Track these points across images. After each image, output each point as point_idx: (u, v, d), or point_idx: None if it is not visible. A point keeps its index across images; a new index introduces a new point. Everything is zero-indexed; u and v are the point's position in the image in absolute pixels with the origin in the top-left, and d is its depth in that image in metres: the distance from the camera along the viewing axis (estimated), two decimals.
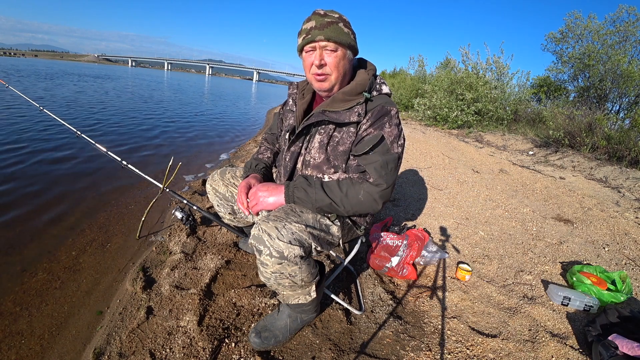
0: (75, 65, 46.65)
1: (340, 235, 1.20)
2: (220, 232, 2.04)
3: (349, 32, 1.09)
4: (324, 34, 1.04)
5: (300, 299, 1.15)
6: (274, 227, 0.99)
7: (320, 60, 1.07)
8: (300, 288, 1.10)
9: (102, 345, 1.22)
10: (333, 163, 1.16)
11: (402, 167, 4.06)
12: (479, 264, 1.97)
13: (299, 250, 1.00)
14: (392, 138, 1.10)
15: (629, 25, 7.69)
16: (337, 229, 1.17)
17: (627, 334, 1.30)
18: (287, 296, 1.15)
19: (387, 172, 1.07)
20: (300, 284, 1.07)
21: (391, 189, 1.10)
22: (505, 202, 3.12)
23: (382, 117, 1.10)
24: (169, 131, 5.60)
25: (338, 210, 1.09)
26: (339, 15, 1.08)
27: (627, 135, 5.01)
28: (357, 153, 1.10)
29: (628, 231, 2.66)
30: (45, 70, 20.94)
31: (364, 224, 1.29)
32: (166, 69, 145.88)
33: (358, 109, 1.10)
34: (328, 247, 1.17)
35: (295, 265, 1.01)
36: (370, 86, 1.16)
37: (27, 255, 1.80)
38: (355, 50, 1.14)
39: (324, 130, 1.16)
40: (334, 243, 1.20)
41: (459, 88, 8.92)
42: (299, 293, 1.13)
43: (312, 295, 1.15)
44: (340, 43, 1.06)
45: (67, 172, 3.07)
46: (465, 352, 1.29)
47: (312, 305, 1.23)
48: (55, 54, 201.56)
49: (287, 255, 0.98)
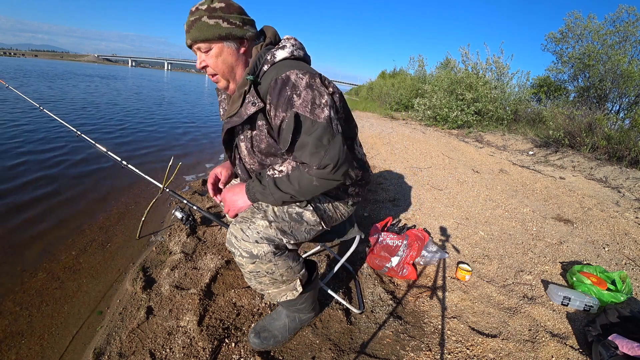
0: (78, 66, 46.66)
1: (320, 219, 1.11)
2: (220, 232, 2.04)
3: (217, 23, 0.94)
4: (190, 36, 0.96)
5: (288, 295, 1.11)
6: (239, 229, 1.00)
7: (200, 63, 1.00)
8: (283, 284, 1.08)
9: (102, 345, 1.22)
10: (270, 160, 1.08)
11: (402, 167, 4.06)
12: (479, 264, 1.97)
13: (268, 247, 0.98)
14: (310, 106, 0.90)
15: (628, 25, 7.69)
16: (311, 213, 1.09)
17: (627, 334, 1.30)
18: (274, 295, 1.11)
19: (326, 149, 0.91)
20: (280, 279, 1.05)
21: (341, 159, 0.93)
22: (505, 202, 3.12)
23: (283, 91, 0.91)
24: (170, 131, 5.60)
25: (302, 199, 1.02)
26: (206, 7, 0.94)
27: (627, 135, 5.00)
28: (285, 148, 0.95)
29: (628, 231, 2.66)
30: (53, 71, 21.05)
31: (349, 197, 1.17)
32: (166, 69, 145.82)
33: (250, 99, 0.96)
34: (307, 236, 1.09)
35: (269, 262, 1.00)
36: (255, 64, 0.98)
37: (27, 255, 1.80)
38: (237, 37, 0.98)
39: (243, 136, 1.07)
40: (315, 229, 1.11)
41: (459, 88, 8.92)
42: (283, 290, 1.09)
43: (298, 289, 1.11)
44: (209, 40, 0.95)
45: (67, 172, 3.07)
46: (465, 352, 1.29)
47: (306, 303, 1.22)
48: (55, 54, 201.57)
49: (257, 254, 0.98)
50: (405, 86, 13.34)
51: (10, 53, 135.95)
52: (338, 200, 1.17)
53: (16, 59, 55.82)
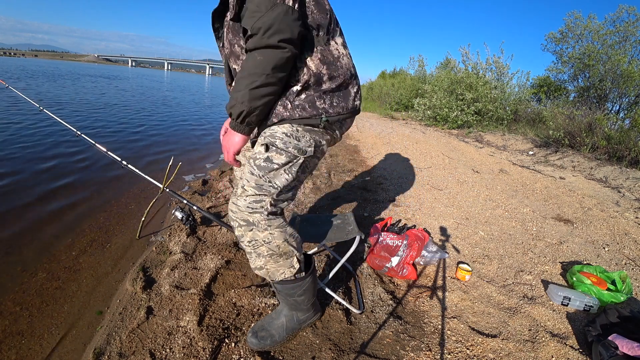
0: (79, 66, 46.67)
1: (292, 143, 1.03)
2: (220, 232, 2.04)
3: None
4: None
5: (286, 272, 1.11)
6: (233, 203, 1.06)
7: None
8: (281, 257, 1.08)
9: (102, 345, 1.22)
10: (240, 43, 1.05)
11: (401, 167, 4.07)
12: (479, 264, 1.97)
13: (261, 216, 1.03)
14: None
15: (628, 25, 7.68)
16: (276, 152, 1.03)
17: (627, 334, 1.30)
18: (273, 271, 1.10)
19: (262, 13, 0.87)
20: (277, 251, 1.07)
21: (276, 24, 0.87)
22: (505, 202, 3.12)
23: None
24: (170, 131, 5.60)
25: (260, 84, 0.93)
26: None
27: (627, 135, 5.00)
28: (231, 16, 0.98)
29: (628, 231, 2.66)
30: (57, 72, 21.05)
31: (319, 112, 1.04)
32: (166, 69, 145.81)
33: None
34: (288, 177, 1.05)
35: (265, 230, 1.03)
36: None
37: (27, 255, 1.80)
38: None
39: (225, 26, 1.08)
40: (292, 165, 1.05)
41: (459, 88, 8.92)
42: (281, 264, 1.09)
43: (295, 266, 1.11)
44: None
45: (67, 172, 3.07)
46: (465, 352, 1.29)
47: (304, 296, 1.20)
48: (56, 54, 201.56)
49: (253, 221, 1.03)
50: (405, 86, 13.34)
51: (10, 53, 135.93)
52: (306, 120, 1.04)
53: (16, 59, 55.80)
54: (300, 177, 1.11)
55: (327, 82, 1.04)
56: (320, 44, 1.02)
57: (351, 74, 1.11)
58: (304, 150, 1.06)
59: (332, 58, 1.04)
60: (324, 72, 1.02)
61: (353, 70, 1.13)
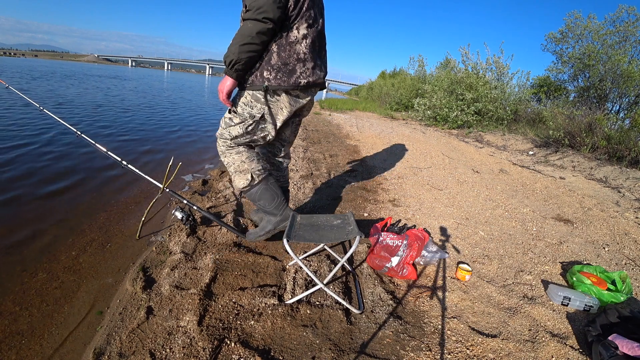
0: (80, 66, 46.60)
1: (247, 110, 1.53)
2: (220, 232, 2.04)
3: None
4: None
5: (243, 182, 1.66)
6: (218, 134, 1.67)
7: None
8: (241, 173, 1.65)
9: (102, 345, 1.22)
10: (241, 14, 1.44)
11: (401, 167, 4.07)
12: (479, 264, 1.97)
13: (223, 147, 1.65)
14: None
15: (628, 25, 7.68)
16: (240, 107, 1.54)
17: (627, 334, 1.30)
18: (236, 182, 1.68)
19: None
20: (238, 169, 1.64)
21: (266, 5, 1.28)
22: (505, 202, 3.12)
23: None
24: (170, 131, 5.60)
25: (246, 42, 1.34)
26: None
27: (627, 135, 5.00)
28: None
29: (628, 231, 2.66)
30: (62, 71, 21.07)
31: (264, 79, 1.45)
32: (166, 69, 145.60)
33: None
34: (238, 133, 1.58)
35: (228, 156, 1.65)
36: None
37: (27, 255, 1.80)
38: None
39: None
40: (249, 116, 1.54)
41: (459, 88, 8.92)
42: (240, 177, 1.65)
43: (248, 178, 1.65)
44: None
45: (67, 172, 3.07)
46: (465, 352, 1.29)
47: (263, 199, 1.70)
48: (56, 54, 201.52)
49: (222, 151, 1.67)
50: (405, 86, 13.34)
51: (11, 53, 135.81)
52: (256, 85, 1.47)
53: (17, 59, 55.80)
54: (251, 133, 1.60)
55: (275, 60, 1.43)
56: (284, 30, 1.41)
57: (299, 58, 1.46)
58: (253, 115, 1.54)
59: (286, 42, 1.42)
60: (275, 50, 1.42)
61: (304, 56, 1.47)
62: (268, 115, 1.55)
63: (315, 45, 1.51)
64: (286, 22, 1.39)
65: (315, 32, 1.48)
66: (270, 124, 1.58)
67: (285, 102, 1.54)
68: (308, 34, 1.45)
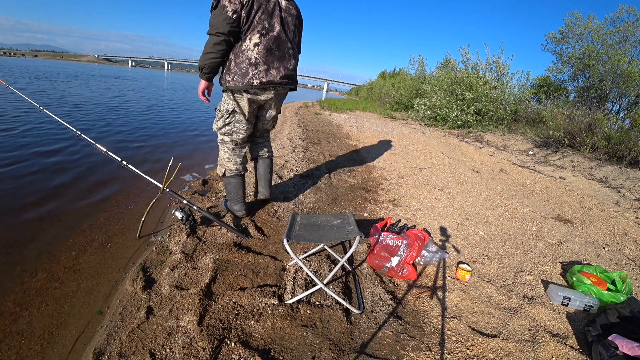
0: (81, 66, 46.60)
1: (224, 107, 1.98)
2: (220, 232, 2.04)
3: None
4: None
5: (219, 170, 2.12)
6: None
7: None
8: (220, 164, 2.12)
9: (102, 345, 1.22)
10: None
11: (401, 167, 4.06)
12: (479, 264, 1.97)
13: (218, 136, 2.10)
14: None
15: (628, 25, 7.67)
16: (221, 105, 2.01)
17: (627, 334, 1.30)
18: (218, 169, 2.13)
19: (214, 16, 1.71)
20: (220, 161, 2.12)
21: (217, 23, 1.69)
22: (505, 202, 3.12)
23: None
24: (170, 131, 5.60)
25: (207, 52, 1.76)
26: None
27: (627, 135, 5.00)
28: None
29: (628, 231, 2.66)
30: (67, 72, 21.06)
31: (226, 81, 1.86)
32: (166, 69, 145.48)
33: None
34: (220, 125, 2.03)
35: (220, 149, 2.12)
36: None
37: (27, 255, 1.80)
38: None
39: None
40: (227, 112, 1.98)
41: (459, 88, 8.91)
42: (220, 168, 2.12)
43: (222, 171, 2.10)
44: None
45: (67, 172, 3.07)
46: (465, 352, 1.29)
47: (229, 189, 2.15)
48: (55, 54, 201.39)
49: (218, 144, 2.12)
50: (405, 86, 13.34)
51: (10, 53, 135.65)
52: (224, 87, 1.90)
53: (17, 59, 55.78)
54: (230, 124, 2.01)
55: (232, 65, 1.83)
56: (238, 41, 1.80)
57: (250, 63, 1.79)
58: (228, 110, 1.98)
59: (240, 50, 1.79)
60: (232, 58, 1.82)
61: (255, 60, 1.79)
62: (237, 108, 1.96)
63: (271, 50, 1.81)
64: (240, 34, 1.77)
65: (270, 39, 1.79)
66: (240, 114, 1.98)
67: (246, 99, 1.92)
68: (260, 42, 1.77)
